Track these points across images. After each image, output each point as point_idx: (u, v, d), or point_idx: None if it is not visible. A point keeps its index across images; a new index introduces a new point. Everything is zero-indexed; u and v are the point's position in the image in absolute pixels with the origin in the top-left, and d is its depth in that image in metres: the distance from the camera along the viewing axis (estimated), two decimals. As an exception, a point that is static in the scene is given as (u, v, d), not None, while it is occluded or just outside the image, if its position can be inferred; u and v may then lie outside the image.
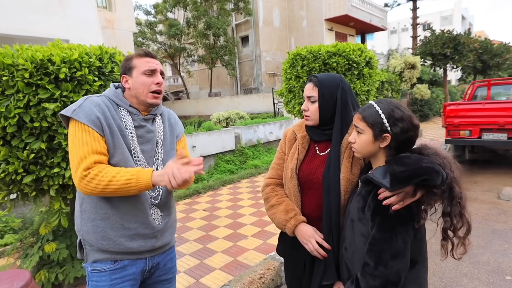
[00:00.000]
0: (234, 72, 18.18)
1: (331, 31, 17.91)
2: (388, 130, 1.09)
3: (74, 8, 7.43)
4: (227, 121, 9.46)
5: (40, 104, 1.99)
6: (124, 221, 1.27)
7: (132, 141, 1.29)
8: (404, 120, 1.09)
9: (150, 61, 1.33)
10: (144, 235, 1.32)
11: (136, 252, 1.31)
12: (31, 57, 1.96)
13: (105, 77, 2.26)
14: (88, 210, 1.27)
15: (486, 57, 16.25)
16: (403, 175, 0.98)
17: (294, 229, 1.37)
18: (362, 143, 1.15)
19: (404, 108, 1.13)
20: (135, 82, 1.31)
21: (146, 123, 1.36)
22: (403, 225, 1.01)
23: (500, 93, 8.13)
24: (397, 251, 0.99)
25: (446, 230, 1.05)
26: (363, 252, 1.07)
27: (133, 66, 1.32)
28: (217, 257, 3.10)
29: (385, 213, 1.02)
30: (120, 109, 1.31)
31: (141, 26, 17.86)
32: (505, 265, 2.90)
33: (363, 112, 1.15)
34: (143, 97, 1.31)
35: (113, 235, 1.26)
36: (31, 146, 2.00)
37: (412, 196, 1.01)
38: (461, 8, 40.02)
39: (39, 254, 2.43)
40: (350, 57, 4.50)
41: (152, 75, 1.32)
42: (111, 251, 1.28)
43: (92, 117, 1.20)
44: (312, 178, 1.39)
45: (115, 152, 1.24)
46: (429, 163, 0.99)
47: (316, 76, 1.38)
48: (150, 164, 1.36)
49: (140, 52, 1.34)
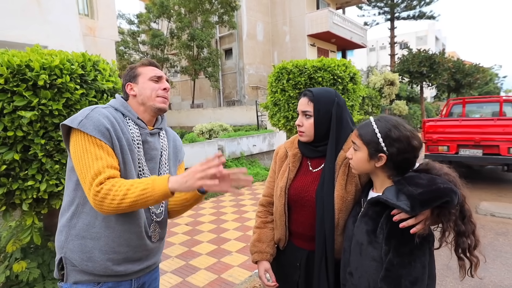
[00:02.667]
0: (217, 84, 18.15)
1: (313, 46, 18.31)
2: (383, 150, 1.06)
3: (54, 14, 7.22)
4: (210, 133, 9.36)
5: (16, 112, 1.86)
6: (116, 244, 1.17)
7: (139, 155, 1.22)
8: (401, 141, 1.05)
9: (155, 69, 1.31)
10: (133, 259, 1.22)
11: (122, 275, 1.22)
12: (7, 62, 1.84)
13: (87, 85, 2.16)
14: (79, 226, 1.16)
15: (459, 76, 17.10)
16: (423, 197, 0.94)
17: (255, 262, 1.49)
18: (357, 161, 1.12)
19: (403, 128, 1.07)
20: (142, 87, 1.26)
21: (152, 138, 1.29)
22: (421, 249, 0.97)
23: (474, 110, 8.54)
24: (416, 276, 0.95)
25: (465, 250, 1.01)
26: (373, 278, 1.02)
27: (138, 73, 1.29)
28: (200, 275, 2.97)
29: (401, 237, 0.97)
30: (127, 120, 1.23)
31: (123, 35, 17.63)
32: (487, 280, 2.94)
33: (361, 129, 1.12)
34: (151, 102, 1.26)
35: (101, 258, 1.15)
36: (4, 157, 1.85)
37: (431, 218, 0.98)
38: (434, 30, 42.19)
39: (5, 274, 2.23)
40: (335, 72, 4.58)
41: (158, 81, 1.29)
42: (95, 273, 1.17)
43: (102, 129, 1.10)
44: (304, 195, 1.34)
45: (124, 168, 1.14)
46: (445, 183, 0.96)
47: (311, 91, 1.35)
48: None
49: (145, 62, 1.33)
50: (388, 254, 0.99)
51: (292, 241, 1.43)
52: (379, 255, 1.03)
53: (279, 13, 18.59)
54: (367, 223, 1.08)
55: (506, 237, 3.93)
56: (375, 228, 1.05)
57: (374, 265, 1.04)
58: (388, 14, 24.41)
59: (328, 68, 4.61)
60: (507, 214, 4.68)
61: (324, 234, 1.26)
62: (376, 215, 1.06)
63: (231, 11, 15.68)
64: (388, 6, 23.86)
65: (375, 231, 1.05)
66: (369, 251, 1.06)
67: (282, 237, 1.43)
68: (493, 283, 2.89)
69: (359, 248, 1.10)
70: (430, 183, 0.97)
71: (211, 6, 15.93)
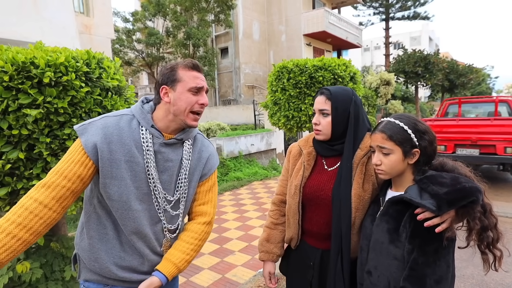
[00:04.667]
0: (213, 83, 18.11)
1: (309, 46, 18.35)
2: (416, 145, 1.06)
3: (49, 11, 7.11)
4: (208, 132, 9.32)
5: (20, 110, 1.82)
6: (121, 250, 1.15)
7: (148, 166, 1.13)
8: (428, 132, 1.07)
9: (198, 76, 1.17)
10: (138, 271, 1.19)
11: (127, 281, 1.19)
12: (11, 59, 1.80)
13: (92, 83, 2.12)
14: (90, 227, 1.16)
15: (453, 77, 17.27)
16: (450, 197, 0.94)
17: (261, 260, 1.54)
18: (392, 164, 1.08)
19: (422, 121, 1.11)
20: (178, 98, 1.13)
21: (167, 148, 1.18)
22: (446, 248, 0.96)
23: (470, 110, 8.63)
24: (441, 275, 0.95)
25: (489, 245, 1.01)
26: (394, 276, 1.01)
27: (178, 78, 1.14)
28: (204, 274, 2.95)
29: (426, 236, 0.97)
30: (141, 128, 1.15)
31: (118, 33, 17.46)
32: (488, 278, 2.97)
33: (387, 131, 1.09)
34: (182, 117, 1.15)
35: (105, 260, 1.14)
36: (8, 156, 1.81)
37: (456, 218, 0.98)
38: (428, 30, 42.59)
39: (9, 275, 2.19)
40: (335, 71, 4.58)
41: (197, 93, 1.16)
42: (101, 275, 1.17)
43: (90, 140, 1.07)
44: (320, 194, 1.33)
45: (110, 182, 1.09)
46: (469, 182, 0.96)
47: (328, 89, 1.33)
48: (170, 193, 1.20)
49: (188, 64, 1.16)
50: (411, 253, 0.99)
51: (305, 240, 1.42)
52: (401, 253, 1.02)
53: (275, 12, 18.59)
54: (388, 222, 1.08)
55: (504, 235, 3.97)
56: (396, 226, 1.05)
57: (395, 264, 1.04)
58: (383, 14, 24.57)
59: (329, 68, 4.61)
60: (504, 213, 4.74)
61: (340, 233, 1.25)
62: (397, 214, 1.06)
63: (227, 10, 15.63)
64: (383, 7, 24.01)
65: (397, 230, 1.04)
66: (390, 249, 1.06)
67: (295, 236, 1.42)
68: (494, 281, 2.92)
69: (379, 246, 1.10)
70: (454, 182, 0.97)
71: (207, 4, 15.86)
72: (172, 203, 1.21)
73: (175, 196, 1.21)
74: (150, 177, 1.14)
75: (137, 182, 1.12)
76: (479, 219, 0.97)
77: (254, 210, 4.94)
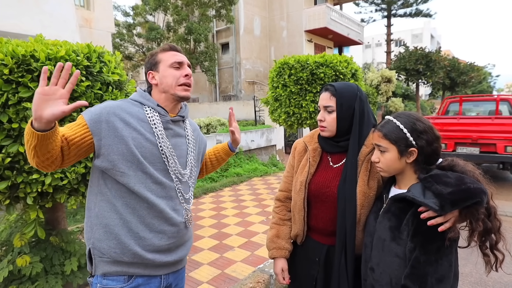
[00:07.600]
0: (214, 78, 18.02)
1: (311, 42, 18.26)
2: (413, 144, 1.05)
3: (50, 4, 7.06)
4: (208, 127, 9.30)
5: (21, 104, 1.81)
6: (140, 229, 1.15)
7: (160, 142, 1.19)
8: (427, 132, 1.06)
9: (176, 54, 1.27)
10: (160, 249, 1.19)
11: (151, 265, 1.18)
12: (11, 51, 1.79)
13: (93, 77, 2.11)
14: (101, 214, 1.15)
15: (454, 75, 17.22)
16: (454, 197, 0.93)
17: (272, 257, 1.50)
18: (388, 162, 1.10)
19: (424, 120, 1.10)
20: (163, 76, 1.24)
21: (174, 125, 1.28)
22: (448, 247, 0.96)
23: (471, 109, 8.60)
24: (443, 274, 0.94)
25: (492, 247, 1.01)
26: (395, 274, 1.01)
27: (158, 60, 1.25)
28: (203, 270, 2.96)
29: (428, 234, 0.96)
30: (145, 108, 1.22)
31: (119, 27, 17.36)
32: (486, 277, 2.98)
33: (383, 129, 1.10)
34: (172, 91, 1.24)
35: (128, 243, 1.13)
36: (8, 149, 1.81)
37: (459, 218, 0.97)
38: (430, 28, 42.38)
39: (9, 269, 2.19)
40: (337, 68, 4.56)
41: (180, 67, 1.26)
42: (125, 261, 1.14)
43: (93, 112, 1.12)
44: (325, 190, 1.33)
45: (111, 148, 1.10)
46: (474, 183, 0.95)
47: (333, 85, 1.33)
48: (183, 167, 1.28)
49: (165, 47, 1.28)
50: (413, 251, 0.99)
51: (311, 236, 1.42)
52: (403, 251, 1.02)
53: (276, 8, 18.47)
54: (390, 219, 1.08)
55: (506, 238, 3.98)
56: (398, 224, 1.04)
57: (397, 261, 1.04)
58: (385, 11, 24.41)
59: (330, 64, 4.59)
60: (504, 211, 4.75)
61: (345, 229, 1.25)
62: (399, 212, 1.06)
63: (228, 5, 15.53)
64: (385, 3, 23.85)
65: (399, 228, 1.04)
66: (392, 247, 1.06)
67: (300, 232, 1.42)
68: (493, 280, 2.93)
69: (381, 244, 1.10)
70: (459, 183, 0.96)
71: (209, -1, 15.78)
72: (186, 176, 1.29)
73: (186, 169, 1.29)
74: (163, 152, 1.19)
75: (151, 157, 1.16)
76: (482, 221, 0.97)
77: (253, 206, 4.94)
